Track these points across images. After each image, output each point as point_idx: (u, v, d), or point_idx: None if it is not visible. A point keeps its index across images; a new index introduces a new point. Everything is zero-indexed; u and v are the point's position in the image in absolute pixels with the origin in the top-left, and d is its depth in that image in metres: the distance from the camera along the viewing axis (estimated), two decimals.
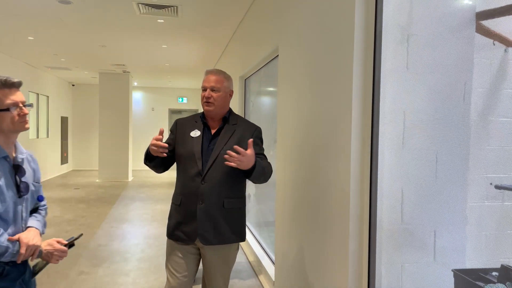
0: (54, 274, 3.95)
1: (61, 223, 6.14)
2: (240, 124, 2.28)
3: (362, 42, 1.89)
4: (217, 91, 2.19)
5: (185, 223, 2.19)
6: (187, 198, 2.18)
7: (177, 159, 2.27)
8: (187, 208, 2.18)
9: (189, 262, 2.23)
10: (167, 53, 7.94)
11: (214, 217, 2.16)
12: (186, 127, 2.27)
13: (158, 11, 5.04)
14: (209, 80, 2.20)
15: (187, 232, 2.18)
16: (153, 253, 4.71)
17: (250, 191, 5.38)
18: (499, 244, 1.95)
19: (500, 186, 1.85)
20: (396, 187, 1.91)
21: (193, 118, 2.32)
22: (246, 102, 5.58)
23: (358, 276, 1.92)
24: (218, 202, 2.16)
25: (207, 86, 2.20)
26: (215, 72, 2.24)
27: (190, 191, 2.17)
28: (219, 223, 2.17)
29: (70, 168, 13.65)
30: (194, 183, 2.15)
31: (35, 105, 10.51)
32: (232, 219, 2.21)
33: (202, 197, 2.14)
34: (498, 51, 1.89)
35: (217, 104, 2.19)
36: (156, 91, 14.34)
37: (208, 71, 2.25)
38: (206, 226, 2.15)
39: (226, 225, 2.18)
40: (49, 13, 5.30)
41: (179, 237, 2.21)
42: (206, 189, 2.14)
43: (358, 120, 1.90)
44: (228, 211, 2.19)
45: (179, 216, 2.22)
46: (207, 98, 2.18)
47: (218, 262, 2.24)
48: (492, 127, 1.87)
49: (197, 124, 2.26)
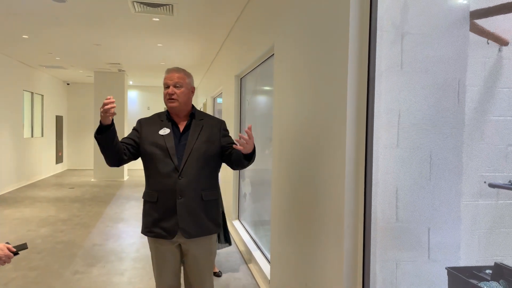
0: (49, 273, 3.94)
1: (56, 222, 6.11)
2: (206, 119, 2.36)
3: (357, 41, 1.89)
4: (180, 87, 2.24)
5: (164, 219, 2.21)
6: (164, 194, 2.20)
7: (147, 158, 2.26)
8: (165, 204, 2.20)
9: (172, 259, 2.27)
10: (162, 52, 7.92)
11: (194, 211, 2.21)
12: (152, 126, 2.30)
13: (153, 9, 5.03)
14: (171, 77, 2.25)
15: (167, 228, 2.20)
16: (148, 253, 4.69)
17: (246, 190, 5.38)
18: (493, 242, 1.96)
19: (494, 184, 1.86)
20: (390, 185, 1.92)
21: (158, 117, 2.35)
22: (242, 101, 5.58)
23: (353, 274, 1.92)
24: (196, 195, 2.22)
25: (169, 83, 2.24)
26: (177, 70, 2.29)
27: (167, 187, 2.19)
28: (199, 216, 2.23)
29: (65, 167, 13.59)
30: (171, 179, 2.18)
31: (30, 103, 10.46)
32: (210, 210, 2.28)
33: (180, 192, 2.18)
34: (492, 50, 1.90)
35: (181, 100, 2.25)
36: (152, 90, 14.31)
37: (169, 69, 2.30)
38: (186, 220, 2.19)
39: (205, 217, 2.25)
40: (44, 11, 5.27)
41: (159, 234, 2.22)
42: (184, 183, 2.18)
43: (353, 119, 1.91)
44: (206, 203, 2.26)
45: (156, 213, 2.23)
46: (170, 95, 2.23)
47: (203, 254, 2.29)
48: (486, 126, 1.88)
49: (164, 123, 2.30)
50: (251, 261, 4.28)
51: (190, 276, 2.33)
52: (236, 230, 5.34)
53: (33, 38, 6.98)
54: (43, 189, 9.33)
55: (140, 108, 14.27)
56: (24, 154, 9.92)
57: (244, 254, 4.62)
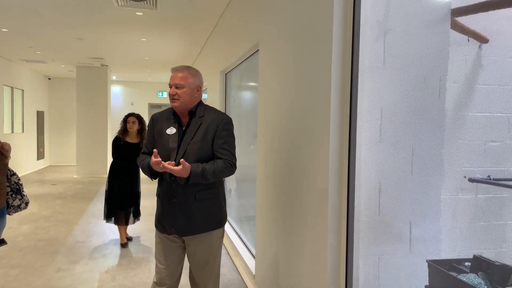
0: (31, 271, 3.87)
1: (38, 219, 6.01)
2: (206, 116, 2.29)
3: (340, 38, 1.91)
4: (181, 87, 2.24)
5: (164, 215, 2.33)
6: (163, 192, 2.33)
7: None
8: (163, 201, 2.33)
9: (173, 252, 2.35)
10: (146, 46, 7.83)
11: (187, 210, 2.25)
12: (162, 123, 2.35)
13: (136, 3, 4.96)
14: (174, 78, 2.26)
15: (165, 224, 2.33)
16: (133, 249, 4.66)
17: (231, 186, 5.38)
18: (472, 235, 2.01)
19: (474, 179, 1.91)
20: (373, 180, 1.95)
21: (168, 114, 2.37)
22: (227, 97, 5.56)
23: (336, 268, 1.95)
24: (190, 195, 2.23)
25: (171, 83, 2.26)
26: (180, 69, 2.27)
27: (164, 187, 2.30)
28: (193, 215, 2.25)
29: (46, 163, 13.35)
30: (168, 178, 2.26)
31: (10, 98, 10.23)
32: (206, 209, 2.28)
33: (174, 192, 2.25)
34: (472, 48, 1.94)
35: (182, 100, 2.25)
36: (136, 85, 14.14)
37: (174, 69, 2.30)
38: (180, 218, 2.26)
39: (201, 215, 2.26)
40: (24, 4, 5.15)
41: (162, 229, 2.36)
42: (177, 185, 2.24)
43: (336, 114, 1.93)
44: (201, 202, 2.25)
45: (160, 208, 2.37)
46: (172, 95, 2.25)
47: (202, 251, 2.31)
48: (467, 122, 1.92)
49: (171, 121, 2.33)
50: (236, 256, 4.29)
51: (193, 272, 2.41)
52: None
53: (13, 32, 6.81)
54: (24, 185, 9.16)
55: (124, 103, 14.09)
56: None
57: (229, 250, 4.62)
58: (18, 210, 3.09)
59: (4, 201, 2.93)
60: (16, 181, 3.07)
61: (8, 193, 3.02)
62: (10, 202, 3.02)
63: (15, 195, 3.04)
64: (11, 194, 3.02)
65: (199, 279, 2.38)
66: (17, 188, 3.07)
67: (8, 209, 3.03)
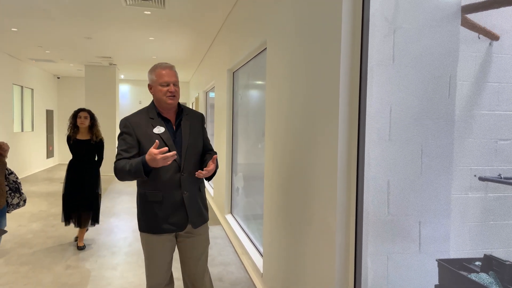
0: (40, 268, 3.91)
1: (48, 217, 6.07)
2: (189, 113, 2.42)
3: (349, 36, 1.89)
4: (177, 84, 2.30)
5: (173, 215, 2.29)
6: (170, 191, 2.27)
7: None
8: (172, 201, 2.28)
9: (170, 252, 2.38)
10: (154, 45, 7.86)
11: (196, 202, 2.37)
12: (143, 125, 2.26)
13: (144, 2, 4.98)
14: (171, 75, 2.25)
15: (176, 222, 2.30)
16: (141, 247, 4.68)
17: (238, 185, 5.38)
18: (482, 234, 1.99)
19: (484, 178, 1.89)
20: (382, 179, 1.93)
21: (146, 115, 2.30)
22: (235, 95, 5.56)
23: (344, 267, 1.94)
24: (196, 188, 2.36)
25: (170, 81, 2.24)
26: (172, 67, 2.31)
27: (172, 184, 2.26)
28: (200, 206, 2.39)
29: (56, 162, 13.48)
30: (175, 176, 2.26)
31: (20, 97, 10.33)
32: (204, 200, 2.46)
33: (185, 187, 2.29)
34: (483, 45, 1.91)
35: (178, 97, 2.32)
36: (144, 84, 14.19)
37: (165, 66, 2.26)
38: (193, 211, 2.34)
39: (202, 206, 2.42)
40: (33, 4, 5.20)
41: (168, 229, 2.31)
42: (186, 178, 2.29)
43: (345, 113, 1.92)
44: (202, 194, 2.44)
45: (163, 212, 2.26)
46: (172, 92, 2.24)
47: (202, 241, 2.43)
48: (477, 120, 1.90)
49: (155, 121, 2.27)
50: (243, 255, 4.30)
51: (189, 268, 2.41)
52: (229, 224, 5.35)
53: (23, 31, 6.88)
54: (34, 184, 9.25)
55: (132, 102, 14.16)
56: (14, 149, 9.81)
57: (236, 248, 4.63)
58: (17, 207, 3.16)
59: (4, 201, 2.97)
60: (14, 180, 3.13)
61: (7, 192, 3.07)
62: (9, 201, 3.08)
63: (13, 193, 3.10)
64: (9, 193, 3.08)
65: (195, 273, 2.41)
66: (15, 187, 3.12)
67: (8, 207, 3.08)
